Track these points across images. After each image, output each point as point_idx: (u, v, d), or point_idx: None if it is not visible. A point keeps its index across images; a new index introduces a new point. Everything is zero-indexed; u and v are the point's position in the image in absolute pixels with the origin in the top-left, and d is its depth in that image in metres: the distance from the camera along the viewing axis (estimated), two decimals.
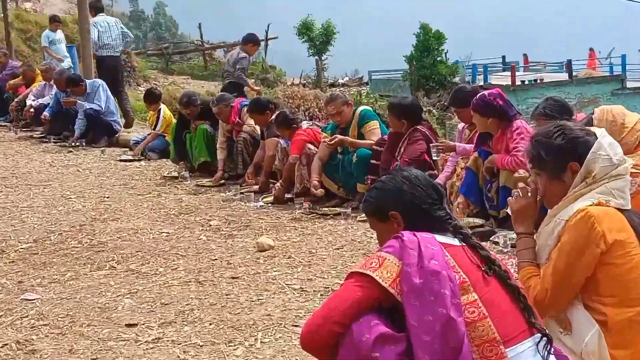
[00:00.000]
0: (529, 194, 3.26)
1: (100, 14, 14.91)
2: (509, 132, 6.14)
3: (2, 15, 20.31)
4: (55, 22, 16.36)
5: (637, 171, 3.76)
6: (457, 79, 35.22)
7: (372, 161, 7.23)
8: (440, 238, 2.62)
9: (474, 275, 2.56)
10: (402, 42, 38.84)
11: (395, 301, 2.47)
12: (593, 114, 4.67)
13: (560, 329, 3.12)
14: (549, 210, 3.19)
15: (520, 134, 6.05)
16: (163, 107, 11.46)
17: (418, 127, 7.12)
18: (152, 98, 11.58)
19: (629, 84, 36.03)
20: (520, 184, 3.83)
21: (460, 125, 7.19)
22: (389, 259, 2.52)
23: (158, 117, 11.27)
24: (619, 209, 3.07)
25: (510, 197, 3.45)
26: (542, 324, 2.67)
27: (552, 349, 2.62)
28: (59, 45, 16.07)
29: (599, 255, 2.96)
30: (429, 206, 2.73)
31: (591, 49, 40.96)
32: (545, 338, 2.60)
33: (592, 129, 3.22)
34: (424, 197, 2.74)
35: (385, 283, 2.47)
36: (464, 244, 2.65)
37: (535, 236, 3.28)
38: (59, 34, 16.21)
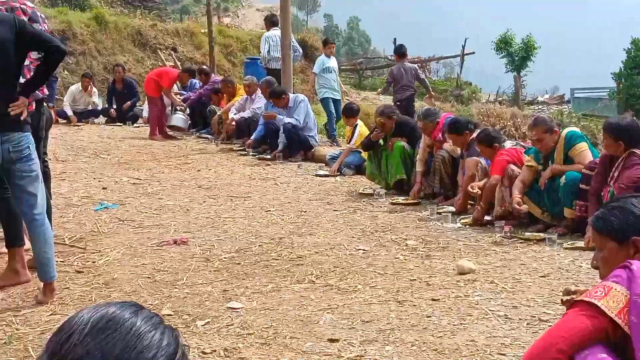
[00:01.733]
0: None
1: (274, 28, 15.49)
2: None
3: (206, 30, 21.29)
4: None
5: None
6: None
7: (582, 185, 6.93)
8: None
9: None
10: (608, 58, 37.54)
11: (622, 334, 2.41)
12: None
13: None
14: None
15: None
16: (360, 122, 11.54)
17: (636, 150, 6.74)
18: (351, 112, 11.74)
19: None
20: None
21: None
22: (615, 288, 2.48)
23: (354, 132, 11.37)
24: None
25: None
26: None
27: None
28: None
29: None
30: None
31: None
32: None
33: None
34: None
35: (612, 312, 2.42)
36: None
37: None
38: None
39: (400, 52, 15.34)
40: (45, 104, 6.17)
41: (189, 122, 16.40)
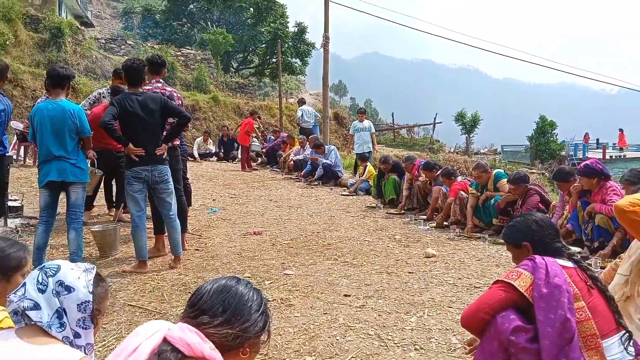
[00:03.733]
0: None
1: (304, 105, 16.82)
2: (604, 188, 5.74)
3: (278, 106, 21.57)
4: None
5: None
6: (563, 153, 33.29)
7: (500, 206, 6.96)
8: (560, 261, 2.57)
9: (582, 288, 2.50)
10: (526, 127, 37.25)
11: (527, 303, 2.42)
12: None
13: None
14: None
15: (613, 190, 5.69)
16: (369, 164, 11.57)
17: (531, 186, 6.81)
18: (363, 158, 11.93)
19: None
20: None
21: (560, 192, 6.69)
22: (524, 274, 2.47)
23: (365, 169, 11.43)
24: None
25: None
26: (626, 324, 2.52)
27: (632, 342, 2.46)
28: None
29: None
30: (550, 239, 2.66)
31: (621, 130, 36.27)
32: (627, 333, 2.48)
33: None
34: (547, 233, 2.68)
35: (522, 289, 2.43)
36: (575, 266, 2.55)
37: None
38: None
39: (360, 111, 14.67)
40: (178, 149, 6.28)
41: (263, 152, 16.66)
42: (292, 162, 14.25)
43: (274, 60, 31.74)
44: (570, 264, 2.56)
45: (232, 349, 1.78)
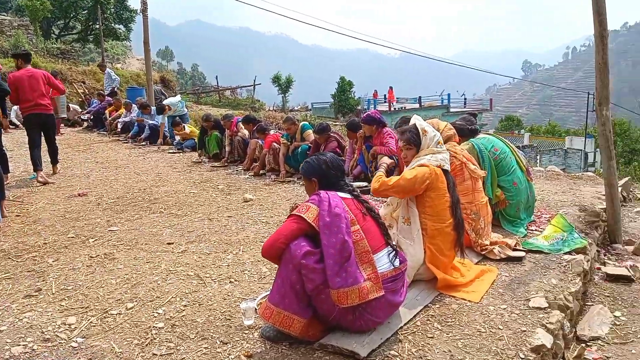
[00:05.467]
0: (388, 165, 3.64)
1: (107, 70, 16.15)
2: (382, 134, 6.17)
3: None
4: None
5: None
6: (359, 107, 35.37)
7: (308, 152, 7.15)
8: (341, 194, 2.70)
9: (357, 215, 2.65)
10: (330, 87, 38.79)
11: (315, 231, 2.51)
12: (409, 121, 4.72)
13: (404, 221, 3.27)
14: (410, 163, 3.36)
15: (389, 134, 6.14)
16: (186, 126, 11.11)
17: (331, 135, 7.11)
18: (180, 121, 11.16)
19: (452, 110, 36.55)
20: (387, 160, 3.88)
21: (350, 140, 7.03)
22: (312, 207, 2.57)
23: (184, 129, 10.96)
24: (443, 170, 3.25)
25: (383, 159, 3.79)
26: (393, 242, 2.76)
27: (398, 255, 2.69)
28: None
29: (427, 186, 3.16)
30: (335, 178, 2.76)
31: (390, 87, 38.65)
32: (393, 249, 2.70)
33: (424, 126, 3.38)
34: (333, 173, 2.78)
35: (310, 220, 2.52)
36: (353, 197, 2.69)
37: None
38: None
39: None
40: None
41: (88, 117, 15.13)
42: (116, 124, 13.13)
43: (97, 26, 28.74)
44: (349, 196, 2.70)
45: None
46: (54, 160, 7.92)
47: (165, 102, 12.09)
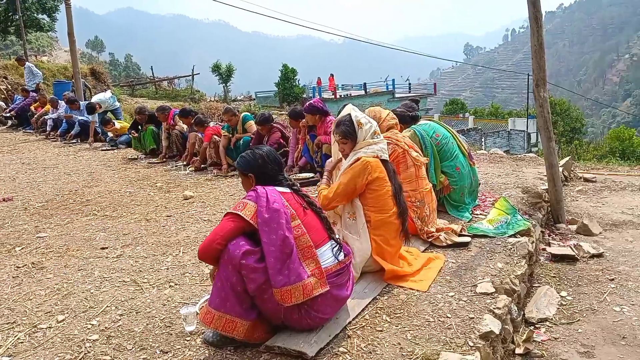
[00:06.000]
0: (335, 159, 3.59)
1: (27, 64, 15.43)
2: (326, 122, 6.15)
3: None
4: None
5: (389, 141, 3.80)
6: (304, 95, 35.31)
7: (251, 144, 7.04)
8: (279, 189, 2.65)
9: (298, 209, 2.61)
10: (274, 74, 38.42)
11: (254, 229, 2.45)
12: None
13: (349, 217, 3.27)
14: (348, 155, 3.34)
15: (332, 123, 6.10)
16: (117, 122, 10.72)
17: (274, 125, 7.03)
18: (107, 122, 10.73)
19: (397, 95, 37.13)
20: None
21: (293, 130, 6.95)
22: (249, 204, 2.50)
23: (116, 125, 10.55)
24: (382, 160, 3.24)
25: (328, 160, 3.68)
26: (336, 235, 2.73)
27: (342, 248, 2.68)
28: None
29: (367, 181, 3.16)
30: (273, 172, 2.70)
31: (331, 75, 38.53)
32: (337, 243, 2.68)
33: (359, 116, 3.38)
34: (270, 167, 2.71)
35: (248, 218, 2.45)
36: (292, 192, 2.65)
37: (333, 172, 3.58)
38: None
39: None
40: None
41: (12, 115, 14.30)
42: (43, 121, 12.40)
43: (17, 17, 27.17)
44: (288, 190, 2.65)
45: None
46: None
47: (94, 98, 11.61)
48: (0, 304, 3.20)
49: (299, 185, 2.77)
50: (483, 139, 30.61)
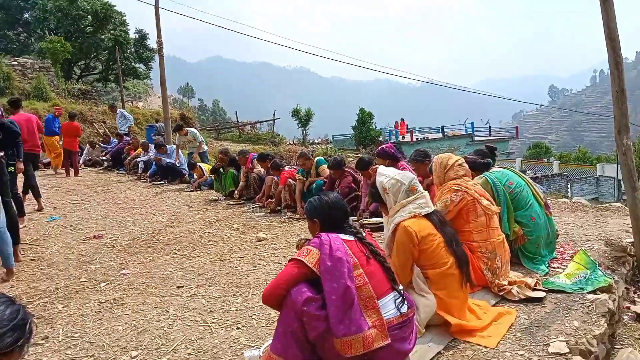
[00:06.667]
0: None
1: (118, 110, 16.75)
2: (397, 168, 6.13)
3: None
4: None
5: (458, 188, 3.73)
6: (380, 138, 35.42)
7: (324, 188, 7.19)
8: (343, 236, 2.66)
9: (361, 258, 2.62)
10: (351, 118, 39.01)
11: (316, 276, 2.48)
12: (424, 153, 4.66)
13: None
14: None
15: (404, 168, 6.07)
16: (204, 165, 11.26)
17: (346, 170, 7.13)
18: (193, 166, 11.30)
19: (476, 139, 36.33)
20: None
21: (363, 179, 6.85)
22: (313, 250, 2.54)
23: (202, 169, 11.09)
24: (424, 215, 3.18)
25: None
26: (398, 285, 2.69)
27: (406, 299, 2.63)
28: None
29: (413, 244, 3.07)
30: (338, 219, 2.74)
31: (402, 119, 38.70)
32: (400, 294, 2.64)
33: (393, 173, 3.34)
34: (335, 214, 2.75)
35: (311, 265, 2.49)
36: (356, 240, 2.67)
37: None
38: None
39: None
40: (3, 161, 5.66)
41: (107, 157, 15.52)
42: (131, 164, 13.42)
43: (117, 66, 29.74)
44: (351, 238, 2.67)
45: None
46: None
47: (189, 131, 12.26)
48: (82, 337, 3.42)
49: (364, 233, 2.79)
50: (569, 185, 29.00)
